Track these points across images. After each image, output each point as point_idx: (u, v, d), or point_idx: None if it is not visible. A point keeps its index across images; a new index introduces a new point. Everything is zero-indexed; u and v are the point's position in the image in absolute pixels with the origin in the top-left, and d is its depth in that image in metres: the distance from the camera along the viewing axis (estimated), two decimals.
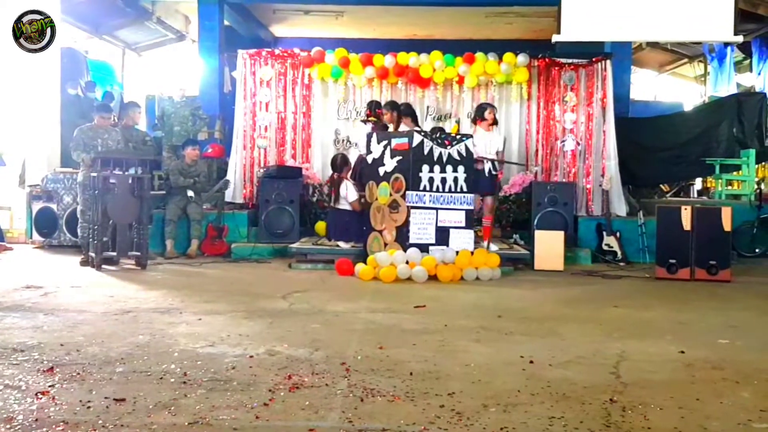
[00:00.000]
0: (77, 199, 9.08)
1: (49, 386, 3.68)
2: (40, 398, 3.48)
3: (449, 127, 10.31)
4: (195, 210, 9.55)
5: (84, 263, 8.39)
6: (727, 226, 8.08)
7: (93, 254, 8.17)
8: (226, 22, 12.16)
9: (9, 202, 10.87)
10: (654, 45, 15.01)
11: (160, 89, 12.09)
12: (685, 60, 17.36)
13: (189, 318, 5.53)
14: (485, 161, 8.61)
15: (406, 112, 9.30)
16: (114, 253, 8.31)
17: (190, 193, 9.62)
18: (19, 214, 10.61)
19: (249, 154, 10.64)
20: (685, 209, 8.22)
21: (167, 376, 3.90)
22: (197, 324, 5.33)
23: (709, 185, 13.55)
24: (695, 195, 14.00)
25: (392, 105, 9.32)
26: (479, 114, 8.97)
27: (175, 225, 9.49)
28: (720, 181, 11.46)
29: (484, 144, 8.70)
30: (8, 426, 3.11)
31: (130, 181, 8.25)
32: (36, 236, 10.05)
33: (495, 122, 9.02)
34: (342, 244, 8.70)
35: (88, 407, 3.37)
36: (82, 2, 11.48)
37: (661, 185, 13.32)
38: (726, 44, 13.94)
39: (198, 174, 9.80)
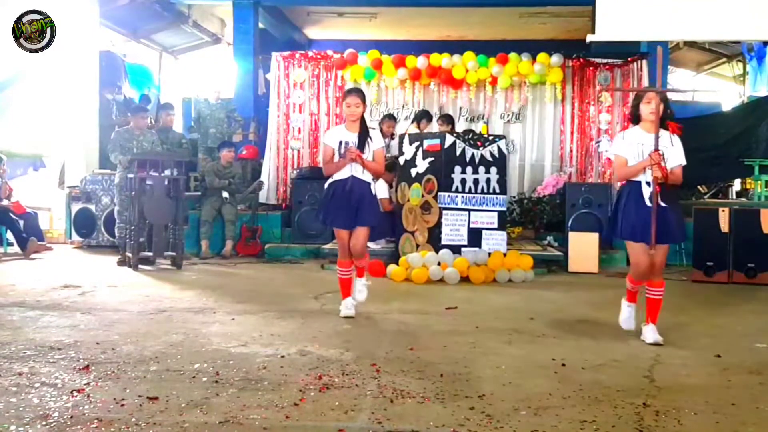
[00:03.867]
0: (115, 200, 9.24)
1: (85, 384, 3.75)
2: (76, 396, 3.55)
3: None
4: (230, 211, 9.65)
5: (121, 263, 8.52)
6: (766, 227, 7.93)
7: (130, 254, 8.30)
8: (260, 25, 12.25)
9: (49, 203, 11.09)
10: (691, 44, 14.77)
11: (196, 92, 12.20)
12: (724, 59, 17.04)
13: (222, 318, 5.59)
14: (645, 182, 4.91)
15: (447, 120, 9.46)
16: (150, 254, 8.45)
17: (225, 194, 9.75)
18: (59, 215, 10.82)
19: (283, 156, 10.74)
20: (723, 211, 8.09)
21: (200, 375, 3.95)
22: (230, 324, 5.38)
23: (748, 186, 13.28)
24: (734, 196, 13.73)
25: (447, 118, 9.52)
26: (635, 106, 5.11)
27: (210, 226, 9.60)
28: (759, 182, 11.23)
29: (641, 152, 4.93)
30: (44, 423, 3.17)
31: (166, 183, 8.36)
32: (75, 236, 10.24)
33: (666, 117, 5.01)
34: (371, 244, 8.71)
35: (122, 405, 3.42)
36: (120, 7, 11.64)
37: (698, 186, 13.09)
38: (765, 43, 13.65)
39: (233, 175, 9.91)
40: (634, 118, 5.09)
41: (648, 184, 4.88)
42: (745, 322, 6.01)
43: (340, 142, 5.64)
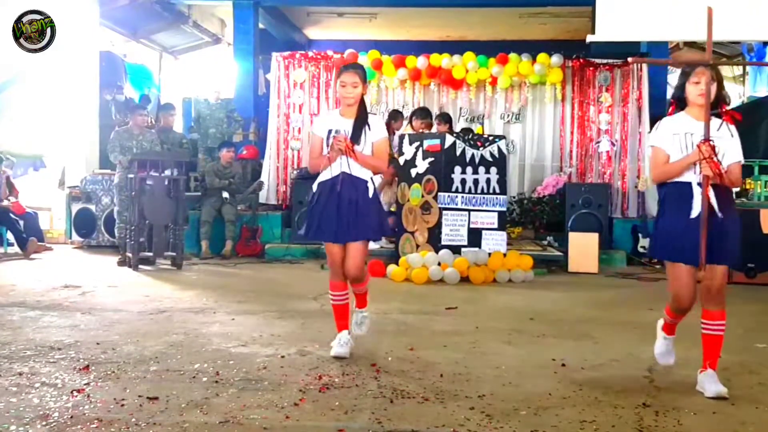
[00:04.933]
0: (115, 201, 9.24)
1: (85, 384, 3.74)
2: (76, 396, 3.55)
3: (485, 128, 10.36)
4: (230, 211, 9.65)
5: (121, 263, 8.52)
6: (765, 228, 7.94)
7: (130, 254, 8.30)
8: (260, 26, 12.26)
9: (49, 204, 11.10)
10: (691, 44, 14.77)
11: (196, 92, 12.21)
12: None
13: (222, 318, 5.59)
14: (697, 183, 3.75)
15: (444, 119, 9.45)
16: (150, 254, 8.46)
17: (225, 194, 9.75)
18: (59, 215, 10.83)
19: (283, 156, 10.75)
20: None
21: (200, 375, 3.95)
22: (230, 324, 5.38)
23: (747, 187, 13.28)
24: (733, 196, 13.73)
25: (445, 117, 9.48)
26: (679, 87, 3.98)
27: (210, 226, 9.60)
28: (759, 182, 11.23)
29: (688, 144, 3.81)
30: (44, 423, 3.17)
31: (166, 183, 8.37)
32: (75, 236, 10.24)
33: (720, 99, 3.94)
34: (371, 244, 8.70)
35: (122, 405, 3.42)
36: (121, 7, 11.64)
37: None
38: (765, 43, 13.65)
39: (233, 175, 9.92)
40: (680, 103, 3.98)
41: (699, 185, 3.74)
42: (744, 322, 6.00)
43: (330, 131, 4.44)
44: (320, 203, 4.44)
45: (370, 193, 4.44)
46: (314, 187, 4.52)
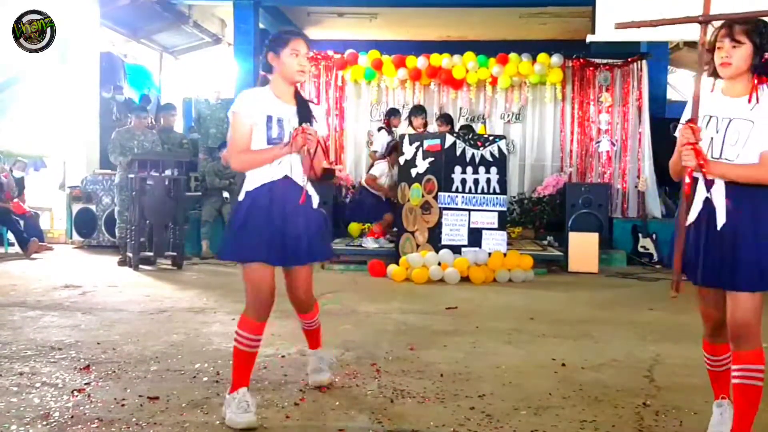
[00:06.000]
0: (115, 200, 9.25)
1: (85, 384, 3.75)
2: (76, 396, 3.55)
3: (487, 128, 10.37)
4: (230, 211, 9.66)
5: (122, 263, 8.53)
6: None
7: (130, 254, 8.31)
8: (261, 25, 12.26)
9: (50, 204, 11.11)
10: (692, 44, 14.77)
11: (197, 92, 12.22)
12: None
13: (223, 318, 5.59)
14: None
15: (446, 120, 9.46)
16: (151, 254, 8.47)
17: (226, 194, 9.76)
18: (60, 215, 10.84)
19: None
20: None
21: (200, 375, 3.96)
22: (230, 324, 5.36)
23: None
24: None
25: (446, 118, 9.49)
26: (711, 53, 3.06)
27: (211, 226, 9.61)
28: None
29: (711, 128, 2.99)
30: (45, 422, 3.18)
31: (166, 183, 8.37)
32: (76, 236, 10.26)
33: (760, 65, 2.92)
34: (368, 244, 8.71)
35: (123, 405, 3.42)
36: (121, 7, 11.66)
37: None
38: None
39: (233, 175, 9.90)
40: (717, 75, 3.01)
41: (709, 183, 2.94)
42: None
43: (270, 118, 3.31)
44: (253, 215, 3.35)
45: (315, 203, 3.54)
46: (241, 195, 3.43)
